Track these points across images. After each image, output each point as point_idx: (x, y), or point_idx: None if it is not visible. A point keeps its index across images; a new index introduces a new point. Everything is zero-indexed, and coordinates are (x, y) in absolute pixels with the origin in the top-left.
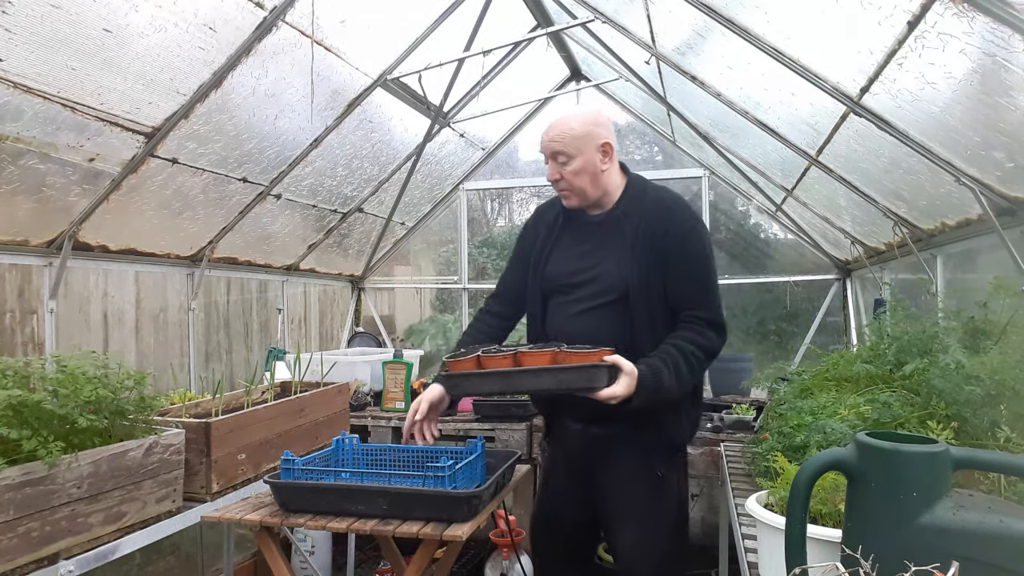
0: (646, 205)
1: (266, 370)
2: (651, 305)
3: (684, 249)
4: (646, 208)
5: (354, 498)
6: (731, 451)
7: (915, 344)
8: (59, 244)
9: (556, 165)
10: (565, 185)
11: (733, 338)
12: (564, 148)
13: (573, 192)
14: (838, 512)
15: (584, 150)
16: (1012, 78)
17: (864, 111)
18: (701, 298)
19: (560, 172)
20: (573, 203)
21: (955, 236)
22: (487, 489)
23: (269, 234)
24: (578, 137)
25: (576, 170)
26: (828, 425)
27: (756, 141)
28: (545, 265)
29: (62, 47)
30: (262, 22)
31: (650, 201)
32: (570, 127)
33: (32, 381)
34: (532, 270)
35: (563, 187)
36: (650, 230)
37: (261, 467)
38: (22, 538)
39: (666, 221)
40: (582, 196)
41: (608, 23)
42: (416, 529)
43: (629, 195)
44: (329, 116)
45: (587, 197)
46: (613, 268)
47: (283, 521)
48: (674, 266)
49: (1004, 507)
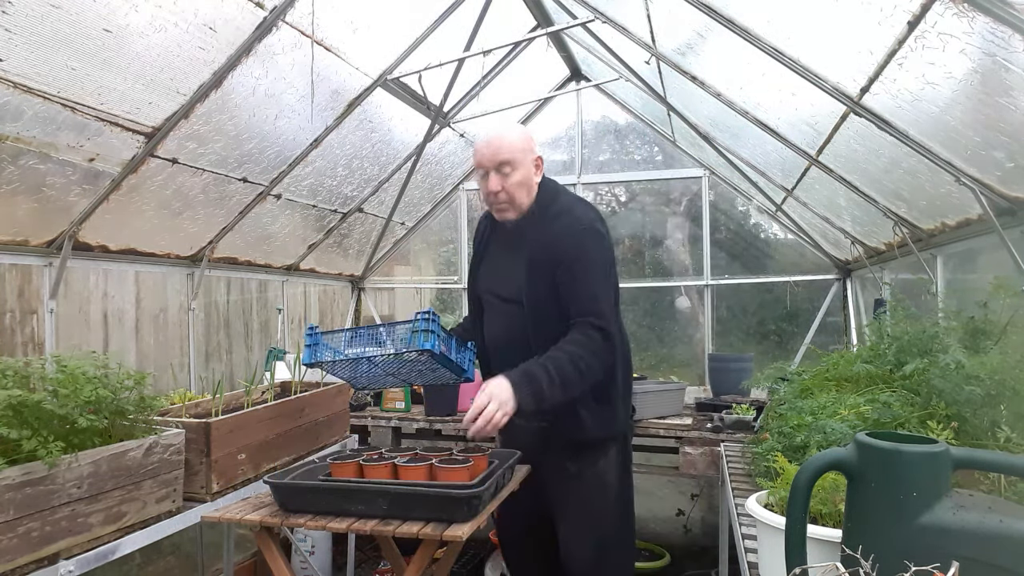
0: (550, 214)
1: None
2: (539, 310)
3: (572, 259)
4: (547, 221)
5: (354, 498)
6: (731, 451)
7: (915, 344)
8: (59, 244)
9: (499, 177)
10: (505, 197)
11: (733, 338)
12: (511, 158)
13: (512, 205)
14: (838, 512)
15: (524, 162)
16: (1012, 78)
17: (864, 111)
18: (589, 305)
19: (502, 184)
20: (509, 216)
21: (955, 236)
22: (487, 489)
23: (269, 234)
24: (521, 150)
25: (518, 181)
26: (828, 425)
27: (756, 141)
28: (476, 276)
29: (62, 47)
30: (262, 22)
31: (552, 214)
32: (512, 139)
33: (32, 381)
34: (470, 280)
35: (503, 199)
36: (544, 239)
37: (261, 467)
38: (22, 538)
39: (560, 234)
40: (519, 209)
41: (608, 23)
42: (416, 529)
43: (537, 203)
44: (329, 116)
45: (522, 210)
46: (515, 275)
47: (283, 521)
48: (563, 276)
49: (1004, 507)
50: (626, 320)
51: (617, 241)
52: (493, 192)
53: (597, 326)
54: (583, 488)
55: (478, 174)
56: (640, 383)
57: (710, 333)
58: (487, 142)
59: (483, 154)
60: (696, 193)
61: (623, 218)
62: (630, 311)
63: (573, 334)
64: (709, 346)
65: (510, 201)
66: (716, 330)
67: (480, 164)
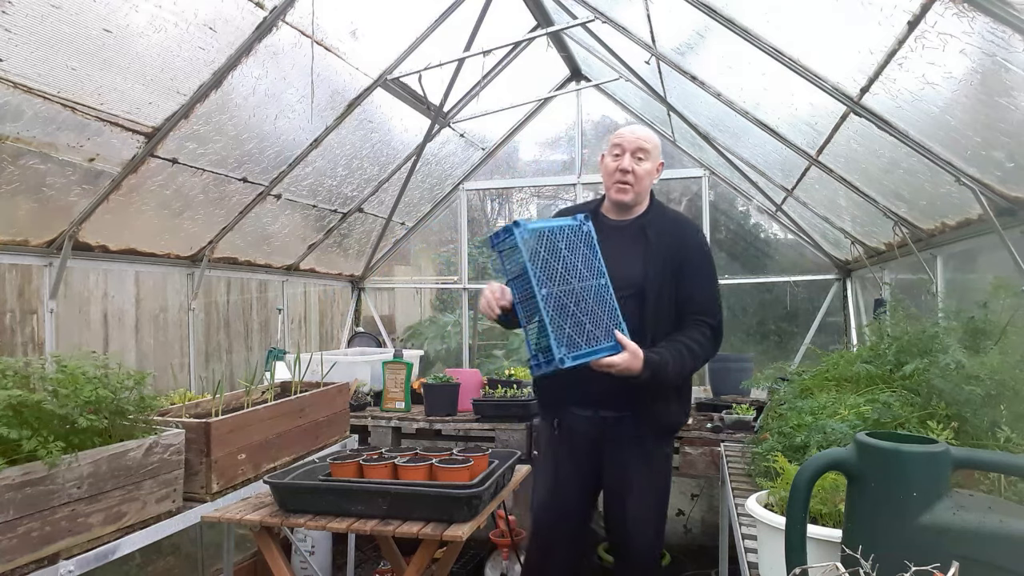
0: (667, 219)
1: (266, 370)
2: (660, 301)
3: (697, 261)
4: (667, 221)
5: (354, 498)
6: (731, 451)
7: (915, 344)
8: (59, 244)
9: (633, 160)
10: (633, 179)
11: (733, 338)
12: (648, 148)
13: (634, 189)
14: (838, 512)
15: (655, 159)
16: (1012, 78)
17: (864, 111)
18: (708, 306)
19: (634, 167)
20: (627, 197)
21: (955, 236)
22: (487, 489)
23: (269, 234)
24: (656, 147)
25: (647, 170)
26: (828, 425)
27: (756, 141)
28: None
29: (62, 47)
30: (262, 22)
31: (670, 217)
32: (652, 136)
33: (32, 381)
34: None
35: (629, 179)
36: (668, 240)
37: (261, 467)
38: (22, 538)
39: (683, 235)
40: (638, 194)
41: (608, 23)
42: (416, 529)
43: (654, 209)
44: (329, 116)
45: (639, 197)
46: (634, 266)
47: (283, 521)
48: (688, 274)
49: (1004, 507)
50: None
51: None
52: (624, 170)
53: (713, 325)
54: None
55: (611, 154)
56: None
57: None
58: (631, 130)
59: (626, 137)
60: (696, 193)
61: None
62: None
63: (697, 330)
64: None
65: (634, 184)
66: None
67: (620, 144)
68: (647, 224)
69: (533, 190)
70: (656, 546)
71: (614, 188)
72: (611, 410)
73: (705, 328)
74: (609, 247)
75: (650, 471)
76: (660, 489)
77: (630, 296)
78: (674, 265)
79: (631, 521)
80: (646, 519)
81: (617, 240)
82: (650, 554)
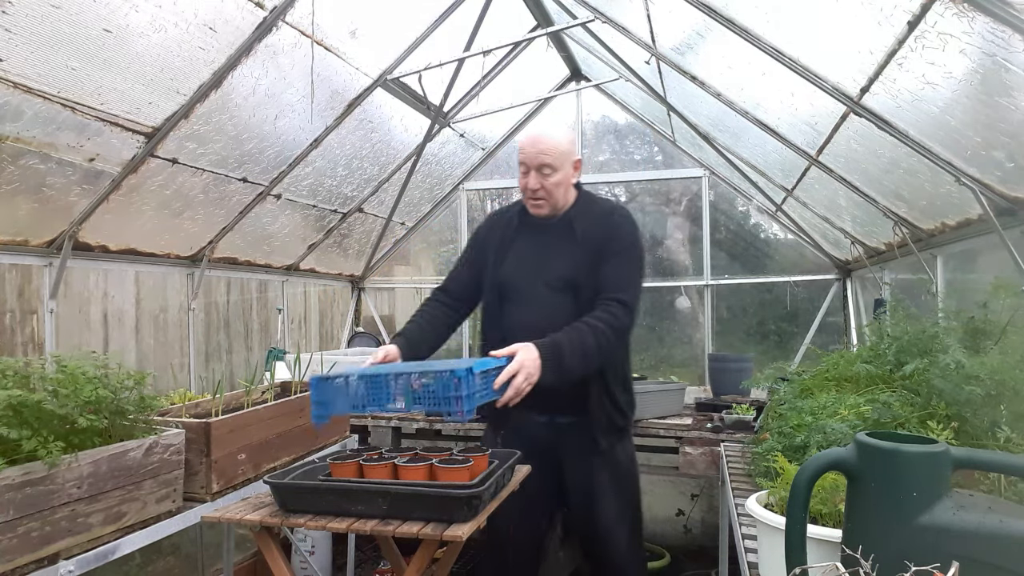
0: (594, 212)
1: (266, 370)
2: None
3: (620, 246)
4: (595, 214)
5: (354, 498)
6: (731, 451)
7: (915, 344)
8: (59, 244)
9: (539, 176)
10: (544, 195)
11: (733, 338)
12: (552, 161)
13: (548, 203)
14: (838, 512)
15: (566, 164)
16: (1012, 78)
17: (864, 111)
18: (621, 283)
19: (542, 183)
20: (544, 212)
21: (955, 236)
22: (487, 489)
23: (269, 234)
24: (564, 152)
25: (557, 182)
26: (828, 425)
27: (756, 141)
28: (501, 266)
29: (62, 47)
30: (262, 22)
31: (599, 210)
32: (558, 142)
33: (32, 381)
34: (490, 272)
35: (541, 196)
36: (596, 232)
37: (261, 467)
38: (22, 538)
39: (611, 226)
40: (554, 206)
41: (608, 23)
42: (416, 529)
43: (581, 203)
44: (329, 116)
45: (557, 207)
46: (564, 263)
47: (283, 521)
48: (607, 258)
49: (1004, 507)
50: None
51: None
52: (532, 189)
53: (621, 300)
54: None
55: (520, 168)
56: (640, 383)
57: (710, 333)
58: (532, 141)
59: (527, 153)
60: (696, 193)
61: None
62: None
63: (602, 310)
64: (709, 346)
65: (547, 198)
66: (716, 330)
67: (523, 162)
68: (574, 218)
69: None
70: (634, 545)
71: (529, 204)
72: (567, 416)
73: (612, 305)
74: (539, 245)
75: (613, 473)
76: (627, 489)
77: (563, 291)
78: (599, 254)
79: (603, 529)
80: (618, 522)
81: (546, 237)
82: (629, 555)
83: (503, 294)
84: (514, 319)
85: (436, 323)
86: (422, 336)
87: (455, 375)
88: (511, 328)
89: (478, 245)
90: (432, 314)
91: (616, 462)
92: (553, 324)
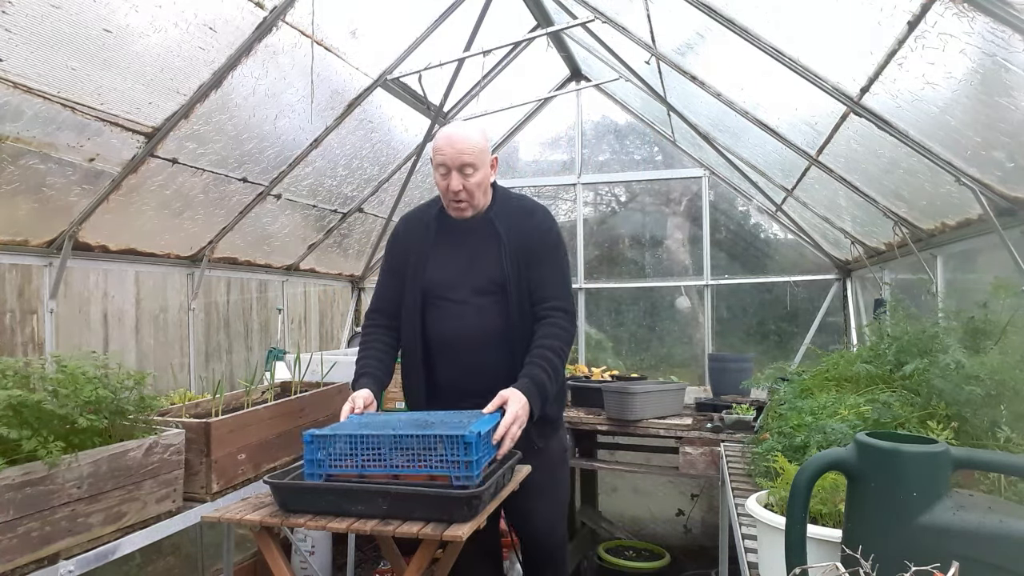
0: (513, 208)
1: (266, 370)
2: (522, 296)
3: (546, 246)
4: (514, 211)
5: (354, 498)
6: (731, 451)
7: (915, 344)
8: (59, 244)
9: (461, 177)
10: (466, 196)
11: (733, 338)
12: (473, 160)
13: (471, 204)
14: (838, 512)
15: (485, 162)
16: (1012, 78)
17: (864, 111)
18: (560, 290)
19: (463, 184)
20: (467, 214)
21: (955, 236)
22: (487, 489)
23: (269, 234)
24: (483, 150)
25: (478, 182)
26: (828, 425)
27: (756, 141)
28: (424, 272)
29: (62, 47)
30: (262, 22)
31: (516, 206)
32: (475, 140)
33: (32, 381)
34: (411, 279)
35: (464, 198)
36: (517, 230)
37: (261, 467)
38: (22, 538)
39: (531, 222)
40: (476, 207)
41: (608, 23)
42: (416, 529)
43: (499, 200)
44: (329, 116)
45: (479, 208)
46: (492, 265)
47: (283, 521)
48: (538, 261)
49: (1004, 507)
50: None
51: (617, 240)
52: (455, 191)
53: (567, 311)
54: (551, 460)
55: (438, 172)
56: (640, 383)
57: (710, 333)
58: (450, 142)
59: (447, 154)
60: (696, 193)
61: (623, 218)
62: (630, 311)
63: (551, 326)
64: (709, 346)
65: (470, 200)
66: (716, 330)
67: (443, 164)
68: (495, 218)
69: (533, 190)
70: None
71: (451, 208)
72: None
73: (558, 318)
74: (463, 248)
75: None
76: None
77: (491, 295)
78: (525, 255)
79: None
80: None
81: (471, 240)
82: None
83: (427, 301)
84: (441, 327)
85: (390, 353)
86: (385, 371)
87: (465, 440)
88: (438, 338)
89: (397, 251)
90: (383, 345)
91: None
92: (483, 331)
